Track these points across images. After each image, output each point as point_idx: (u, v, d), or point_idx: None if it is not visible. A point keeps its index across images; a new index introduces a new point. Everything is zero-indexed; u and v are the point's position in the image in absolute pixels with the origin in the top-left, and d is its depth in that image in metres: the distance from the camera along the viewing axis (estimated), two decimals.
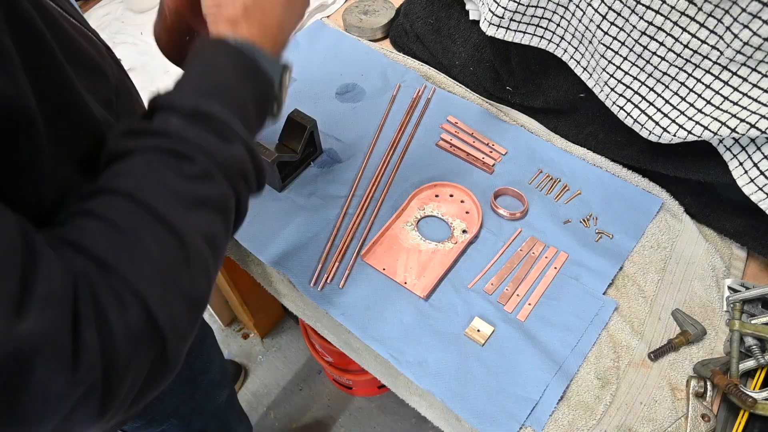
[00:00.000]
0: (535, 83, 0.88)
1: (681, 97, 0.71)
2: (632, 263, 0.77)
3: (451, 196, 0.83)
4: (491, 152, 0.88)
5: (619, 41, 0.73)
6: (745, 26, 0.60)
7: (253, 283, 0.89)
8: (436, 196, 0.83)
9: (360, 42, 1.03)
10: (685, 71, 0.69)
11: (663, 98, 0.73)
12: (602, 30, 0.73)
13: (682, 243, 0.78)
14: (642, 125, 0.76)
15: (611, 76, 0.76)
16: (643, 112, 0.75)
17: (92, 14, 1.20)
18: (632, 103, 0.76)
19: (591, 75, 0.80)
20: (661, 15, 0.67)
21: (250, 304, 1.51)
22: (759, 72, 0.63)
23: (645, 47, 0.71)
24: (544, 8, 0.77)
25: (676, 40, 0.67)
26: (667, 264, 0.76)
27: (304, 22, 1.06)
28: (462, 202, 0.82)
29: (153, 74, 1.06)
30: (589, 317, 0.72)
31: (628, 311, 0.73)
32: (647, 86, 0.74)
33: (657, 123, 0.74)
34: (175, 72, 1.04)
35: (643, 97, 0.75)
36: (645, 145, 0.79)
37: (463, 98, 0.94)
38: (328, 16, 1.09)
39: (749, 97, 0.65)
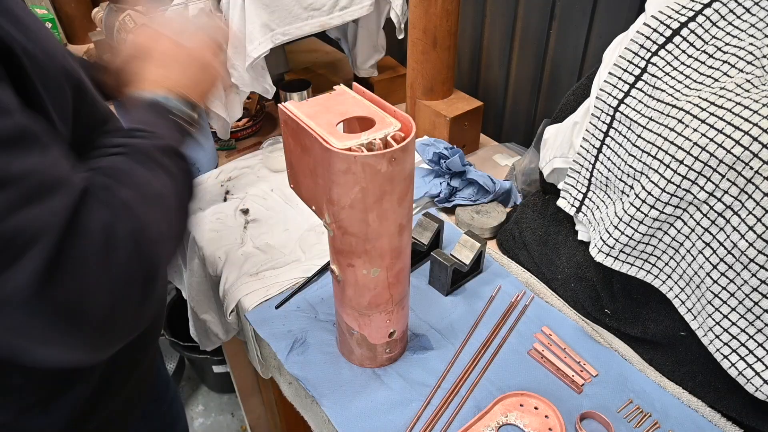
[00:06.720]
0: (634, 311, 0.89)
1: None
2: None
3: (536, 408, 0.82)
4: (581, 371, 0.86)
5: (728, 292, 0.73)
6: None
7: None
8: (521, 405, 0.82)
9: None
10: None
11: None
12: (711, 278, 0.74)
13: None
14: (748, 380, 0.73)
15: (717, 323, 0.75)
16: (749, 366, 0.73)
17: (234, 164, 1.35)
18: (738, 354, 0.74)
19: (695, 317, 0.80)
20: None
21: None
22: None
23: (756, 303, 0.71)
24: (655, 246, 0.80)
25: None
26: None
27: (421, 208, 1.15)
28: (546, 417, 0.80)
29: (273, 228, 1.16)
30: None
31: None
32: (756, 341, 0.73)
33: (765, 381, 0.71)
34: (293, 229, 1.14)
35: (751, 351, 0.73)
36: (749, 399, 0.76)
37: (560, 312, 0.95)
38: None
39: None
